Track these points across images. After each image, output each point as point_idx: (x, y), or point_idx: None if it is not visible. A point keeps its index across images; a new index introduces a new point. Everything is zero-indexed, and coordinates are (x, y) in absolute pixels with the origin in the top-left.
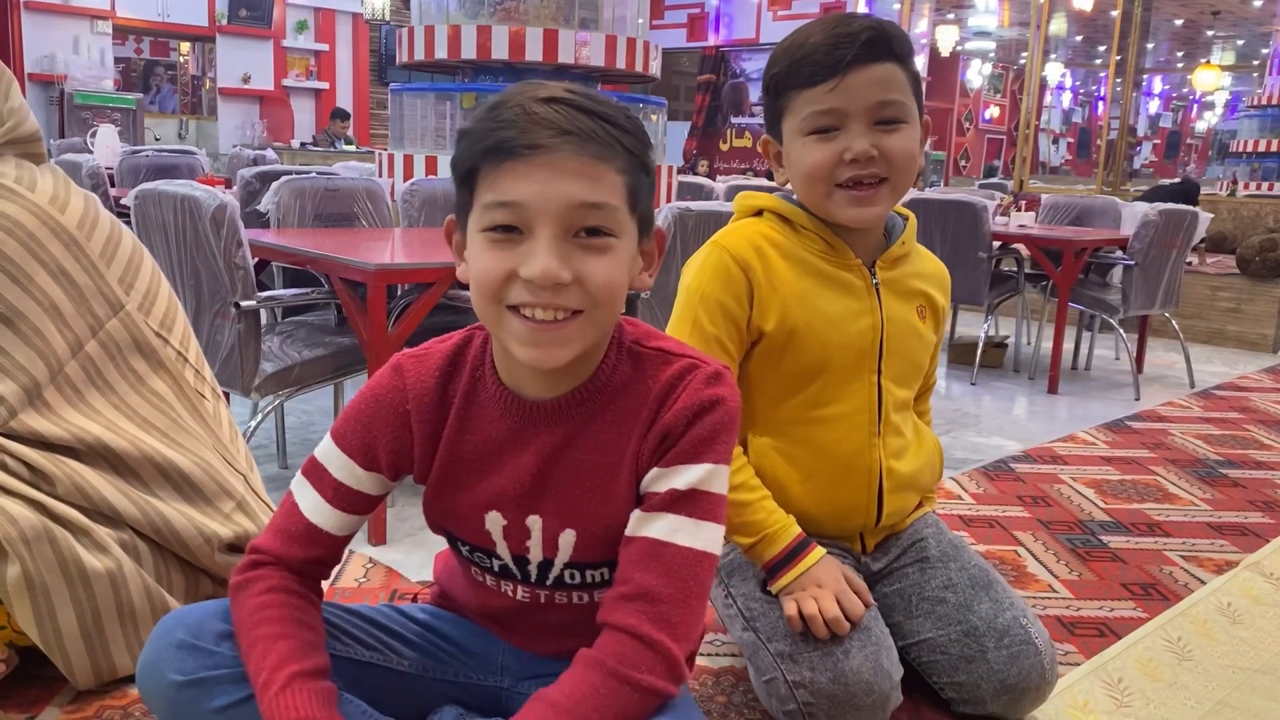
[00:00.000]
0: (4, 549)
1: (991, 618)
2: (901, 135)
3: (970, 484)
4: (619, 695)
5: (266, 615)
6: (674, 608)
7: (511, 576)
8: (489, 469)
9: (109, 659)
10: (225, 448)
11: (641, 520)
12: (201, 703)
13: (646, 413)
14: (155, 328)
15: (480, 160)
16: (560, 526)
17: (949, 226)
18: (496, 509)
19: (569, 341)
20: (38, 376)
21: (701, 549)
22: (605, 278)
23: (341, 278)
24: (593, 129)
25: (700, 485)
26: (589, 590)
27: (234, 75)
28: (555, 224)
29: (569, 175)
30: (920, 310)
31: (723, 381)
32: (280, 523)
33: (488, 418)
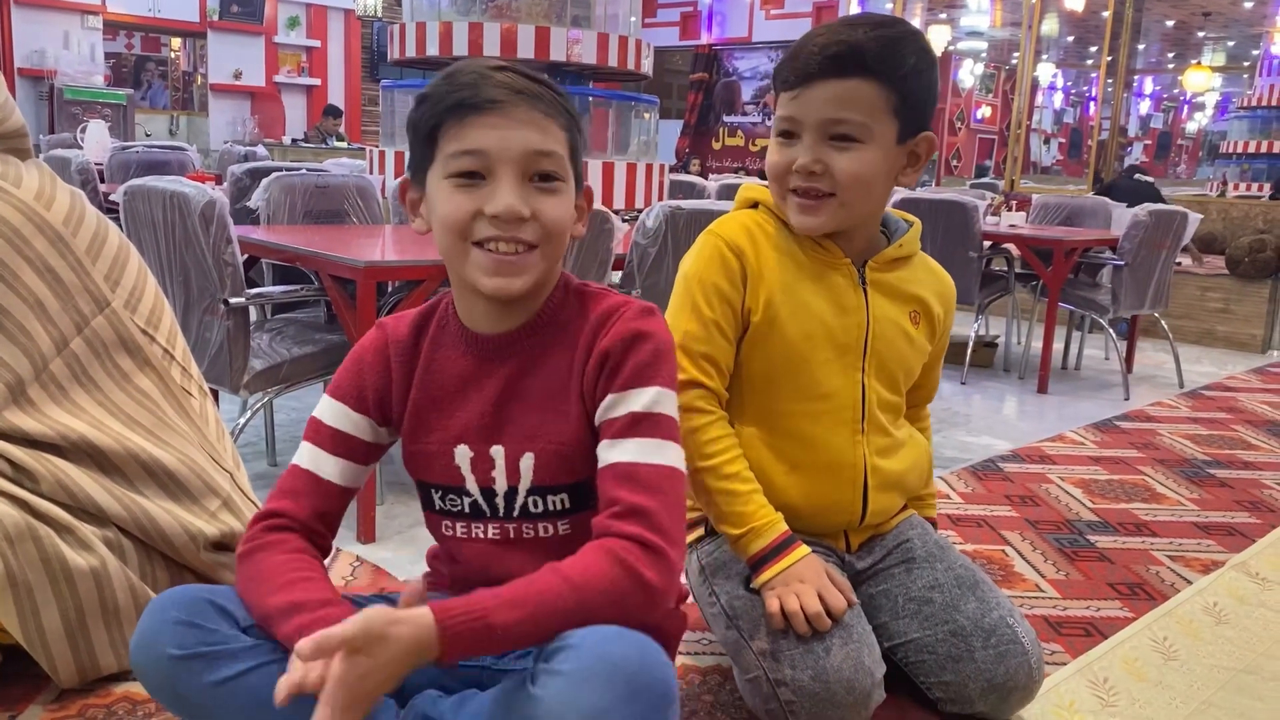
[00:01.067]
0: None
1: (978, 617)
2: (851, 155)
3: (959, 483)
4: (624, 586)
5: (306, 561)
6: (662, 517)
7: (481, 514)
8: (455, 405)
9: (93, 657)
10: (212, 445)
11: (609, 448)
12: (199, 676)
13: (585, 339)
14: (141, 325)
15: (444, 117)
16: (520, 451)
17: (940, 226)
18: (464, 442)
19: (525, 271)
20: (21, 373)
21: (671, 465)
22: (556, 214)
23: (331, 275)
24: (539, 91)
25: (654, 408)
26: (552, 520)
27: (225, 71)
28: (514, 167)
29: (524, 125)
30: (913, 315)
31: (654, 315)
32: (282, 485)
33: (451, 357)
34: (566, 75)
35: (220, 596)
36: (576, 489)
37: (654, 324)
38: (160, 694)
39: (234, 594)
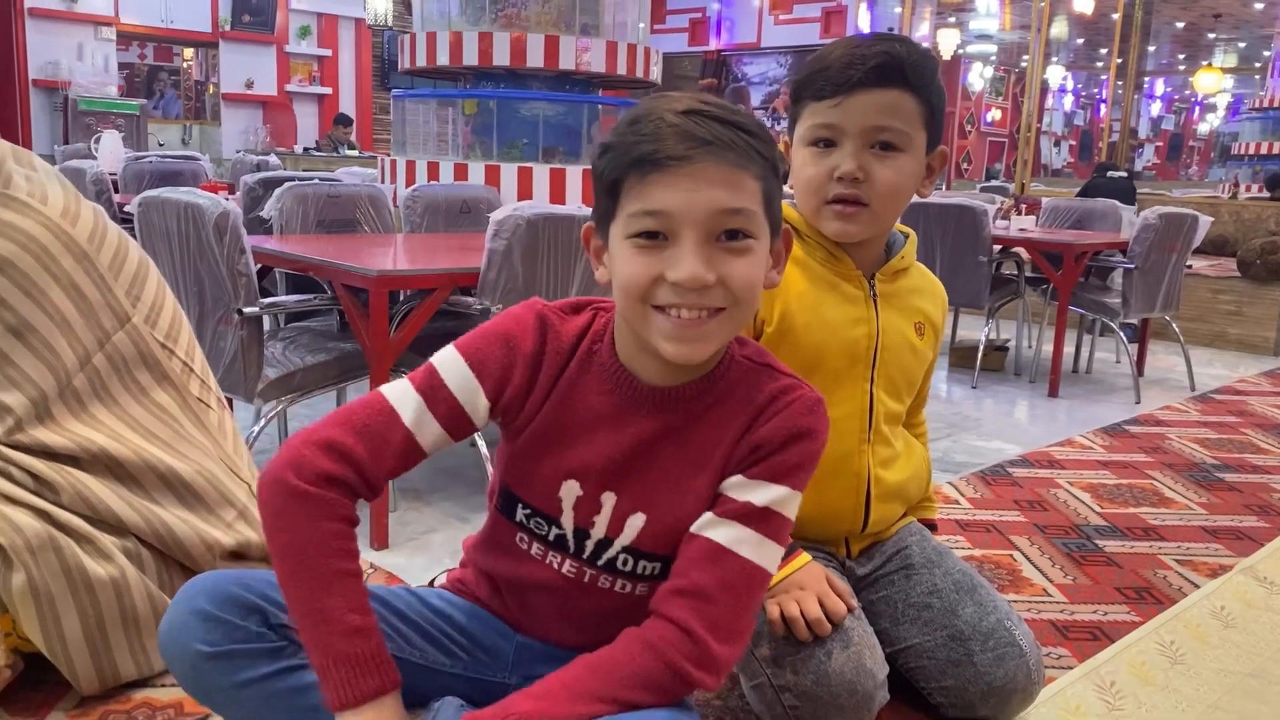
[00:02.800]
0: (10, 557)
1: (976, 621)
2: (892, 164)
3: (967, 489)
4: (653, 671)
5: (345, 548)
6: (723, 611)
7: (564, 548)
8: (583, 439)
9: (113, 665)
10: (229, 457)
11: (710, 522)
12: (225, 676)
13: (744, 420)
14: (160, 339)
15: (626, 172)
16: (632, 509)
17: (949, 230)
18: (576, 479)
19: (711, 337)
20: (46, 389)
21: (761, 565)
22: (746, 277)
23: (344, 284)
24: (730, 138)
25: (776, 506)
26: (635, 581)
27: (237, 81)
28: (699, 229)
29: (711, 184)
30: (919, 327)
31: (820, 412)
32: (375, 427)
33: (595, 388)
34: (576, 83)
35: (250, 588)
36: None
37: (820, 423)
38: (186, 685)
39: (264, 584)
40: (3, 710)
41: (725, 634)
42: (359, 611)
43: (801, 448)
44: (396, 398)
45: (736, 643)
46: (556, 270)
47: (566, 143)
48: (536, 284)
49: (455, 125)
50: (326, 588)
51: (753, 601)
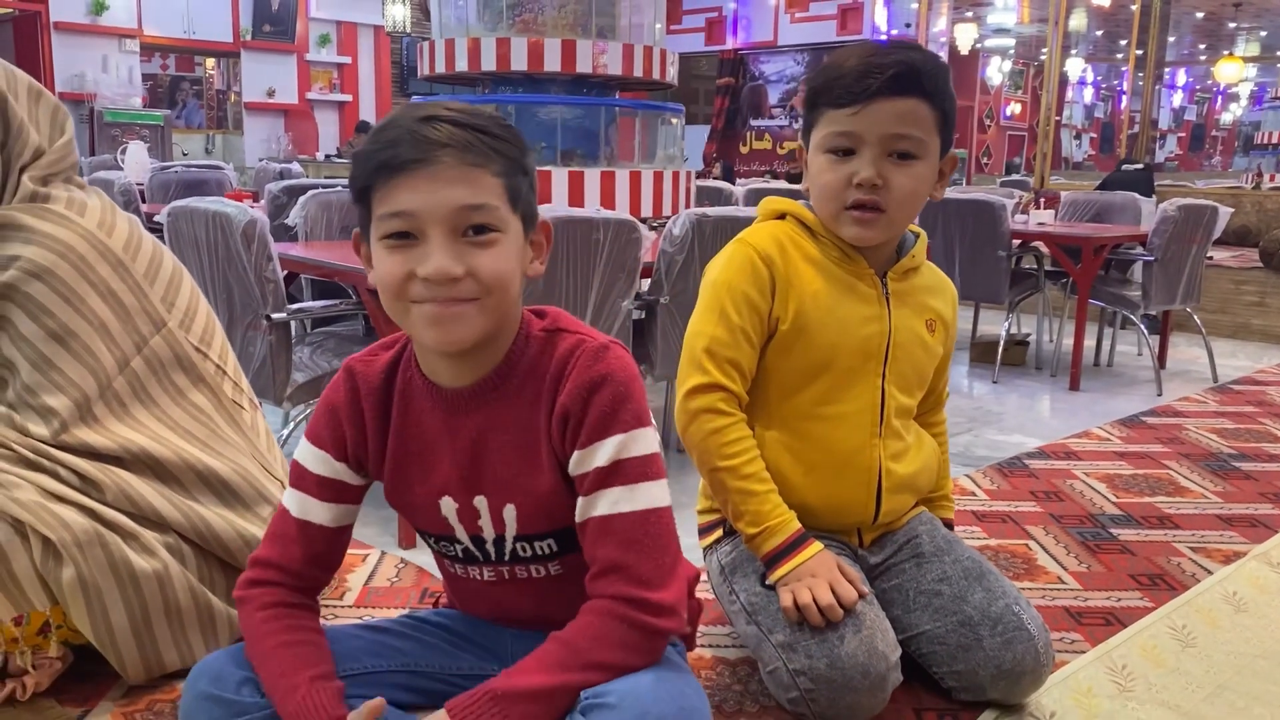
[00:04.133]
0: (59, 552)
1: (985, 606)
2: (909, 171)
3: (984, 480)
4: (621, 631)
5: (272, 628)
6: (644, 564)
7: (474, 559)
8: (433, 458)
9: (158, 655)
10: (263, 455)
11: (584, 504)
12: None
13: (547, 392)
14: (195, 343)
15: (373, 178)
16: (502, 502)
17: (968, 225)
18: (447, 494)
19: (466, 322)
20: (88, 391)
21: (645, 508)
22: (493, 268)
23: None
24: (468, 139)
25: (620, 455)
26: (543, 563)
27: (259, 89)
28: (443, 226)
29: (450, 182)
30: (930, 324)
31: (608, 354)
32: (275, 530)
33: (423, 409)
34: (593, 86)
35: (242, 663)
36: (562, 534)
37: (608, 364)
38: None
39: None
40: (55, 699)
41: (659, 582)
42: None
43: (603, 396)
44: (286, 499)
45: (673, 581)
46: (576, 272)
47: (585, 145)
48: (556, 286)
49: None
50: (270, 660)
51: (660, 539)
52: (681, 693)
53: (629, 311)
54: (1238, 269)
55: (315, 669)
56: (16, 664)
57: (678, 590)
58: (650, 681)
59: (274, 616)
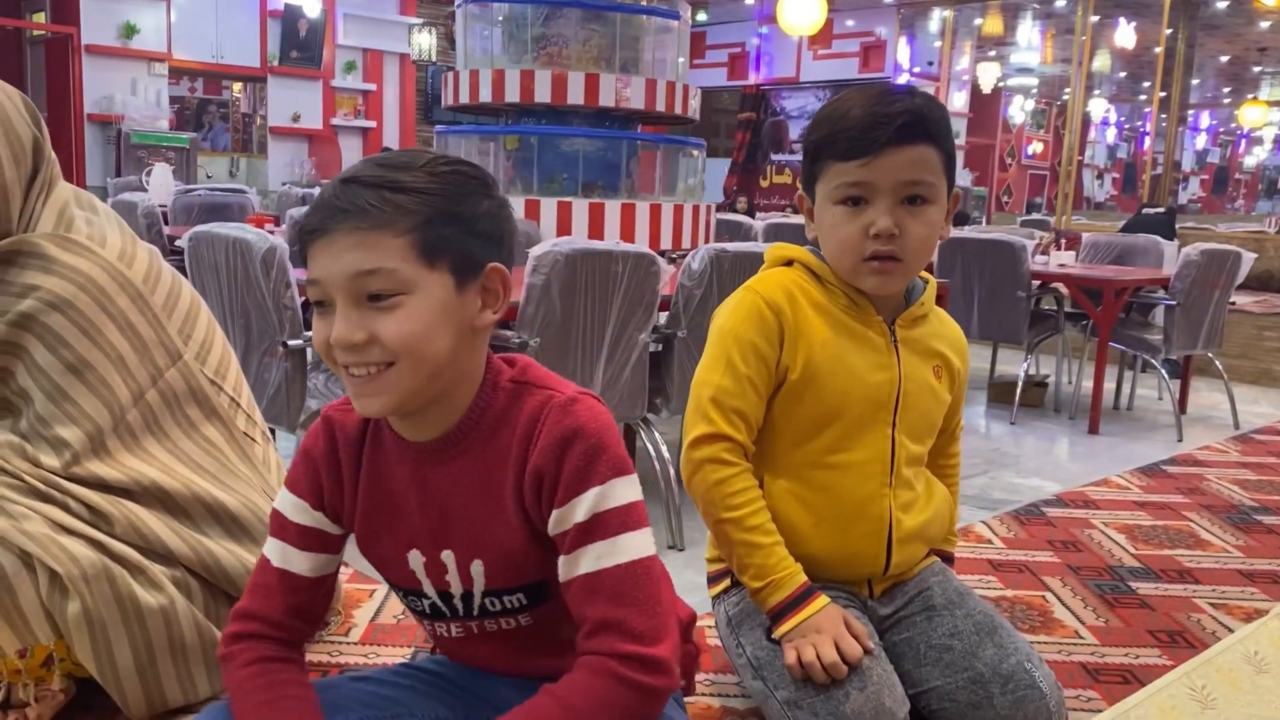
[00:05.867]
0: (66, 586)
1: (996, 663)
2: (922, 217)
3: (1001, 528)
4: (617, 693)
5: (256, 684)
6: (634, 619)
7: (441, 615)
8: (401, 511)
9: (161, 691)
10: (273, 489)
11: (566, 563)
12: None
13: (517, 450)
14: (210, 375)
15: (302, 242)
16: (469, 558)
17: (988, 265)
18: (415, 547)
19: (386, 391)
20: (101, 424)
21: (629, 560)
22: (397, 333)
23: None
24: (370, 202)
25: (598, 508)
26: (512, 615)
27: (284, 114)
28: (344, 293)
29: (346, 249)
30: (937, 370)
31: (577, 407)
32: (256, 581)
33: (391, 462)
34: (615, 119)
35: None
36: (531, 588)
37: (577, 417)
38: None
39: None
40: None
41: (653, 636)
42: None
43: (576, 451)
44: (267, 549)
45: (667, 635)
46: (594, 305)
47: (606, 178)
48: (574, 318)
49: (497, 160)
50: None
51: (649, 591)
52: None
53: (646, 345)
54: (1261, 314)
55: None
56: (19, 696)
57: (672, 644)
58: None
59: (258, 674)
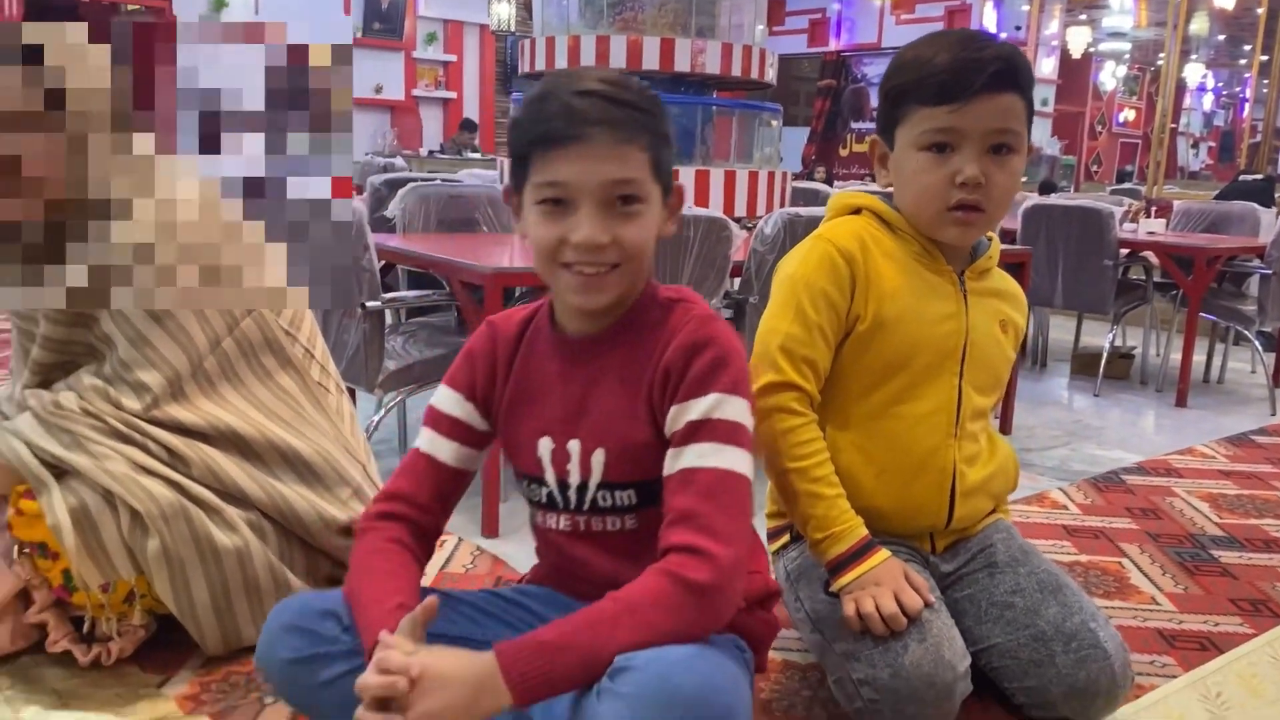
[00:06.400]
0: (146, 524)
1: (1059, 622)
2: (1009, 168)
3: (1078, 494)
4: (673, 595)
5: (383, 556)
6: (712, 518)
7: (555, 505)
8: (543, 399)
9: (236, 629)
10: (345, 439)
11: (671, 457)
12: (309, 677)
13: (657, 350)
14: (285, 326)
15: (531, 148)
16: (593, 447)
17: (1074, 233)
18: (547, 434)
19: (608, 288)
20: (180, 370)
21: (727, 468)
22: (637, 238)
23: (461, 280)
24: (618, 116)
25: (712, 414)
26: (620, 515)
27: (367, 86)
28: (593, 198)
29: (601, 159)
30: (1003, 325)
31: (717, 323)
32: (403, 465)
33: (544, 355)
34: (691, 85)
35: (327, 599)
36: (644, 486)
37: (712, 331)
38: (280, 692)
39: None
40: (137, 666)
41: (719, 536)
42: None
43: (705, 357)
44: (418, 439)
45: (734, 542)
46: (665, 266)
47: (681, 143)
48: None
49: None
50: (367, 580)
51: (736, 502)
52: (712, 673)
53: (717, 310)
54: None
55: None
56: (102, 630)
57: (738, 554)
58: (682, 653)
59: (385, 550)
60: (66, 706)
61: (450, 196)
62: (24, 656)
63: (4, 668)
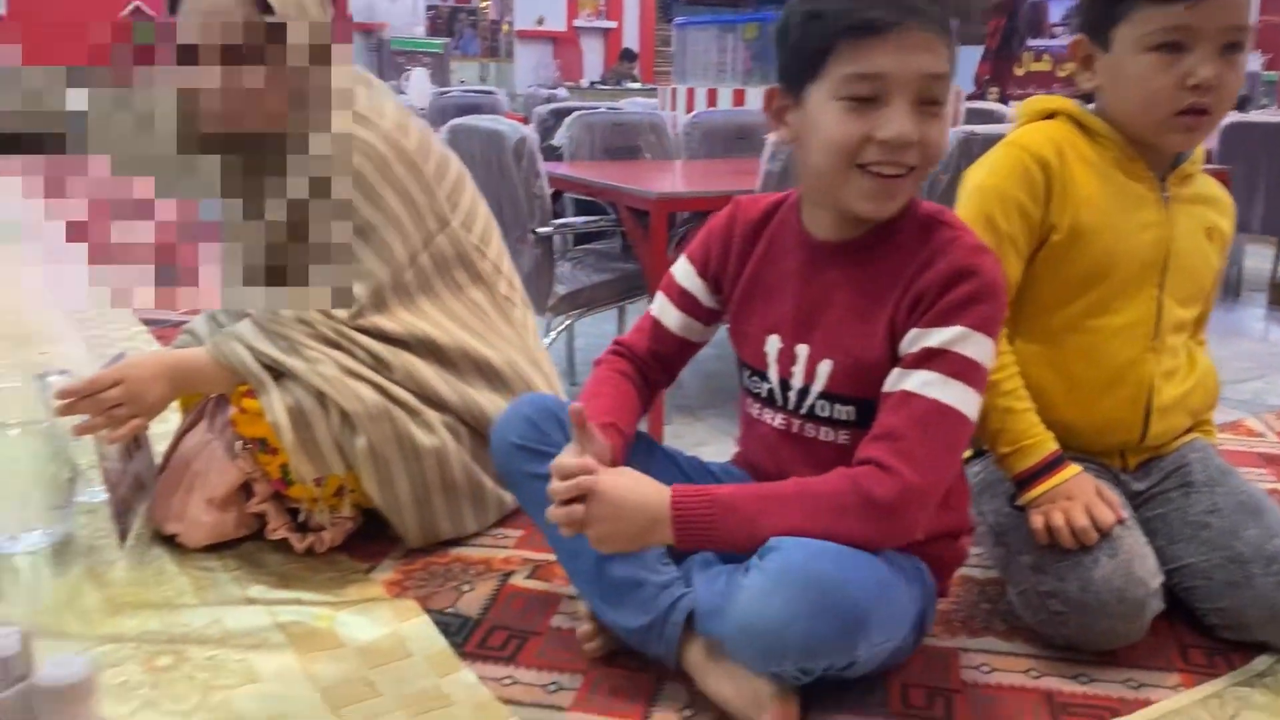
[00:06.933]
0: (354, 424)
1: (1260, 543)
2: (1238, 67)
3: (1276, 423)
4: (848, 500)
5: (609, 384)
6: (912, 444)
7: (774, 403)
8: (778, 297)
9: (434, 524)
10: (531, 350)
11: (896, 377)
12: (523, 465)
13: (910, 271)
14: (475, 242)
15: (839, 37)
16: (821, 356)
17: (1277, 152)
18: (777, 333)
19: (901, 194)
20: (383, 281)
21: (949, 403)
22: (939, 139)
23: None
24: (930, 8)
25: (951, 345)
26: (834, 427)
27: (529, 18)
28: (908, 92)
29: (919, 49)
30: (1209, 232)
31: (986, 256)
32: (638, 324)
33: (786, 252)
34: None
35: (560, 408)
36: (866, 405)
37: (980, 262)
38: (500, 470)
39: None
40: (347, 555)
41: (914, 463)
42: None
43: (963, 288)
44: (652, 303)
45: (928, 473)
46: None
47: None
48: None
49: (734, 52)
50: (589, 402)
51: (945, 438)
52: (854, 571)
53: None
54: None
55: (611, 419)
56: (315, 520)
57: (929, 485)
58: (831, 547)
59: (609, 378)
60: (287, 586)
61: (614, 124)
62: (247, 543)
63: (231, 552)
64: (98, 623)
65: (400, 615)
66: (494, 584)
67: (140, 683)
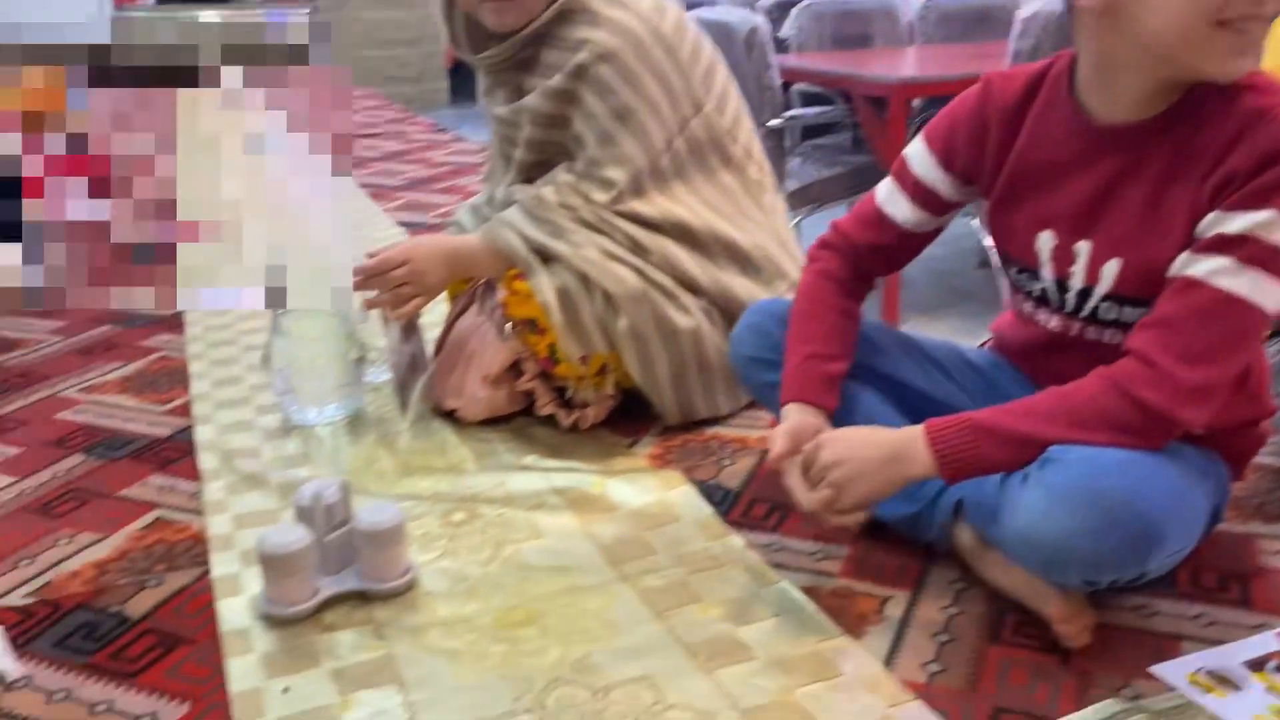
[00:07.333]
0: (615, 305)
1: None
2: None
3: None
4: (1113, 405)
5: (808, 299)
6: (1188, 337)
7: (1048, 303)
8: (1051, 187)
9: (690, 402)
10: (780, 234)
11: (1185, 261)
12: (760, 375)
13: (1217, 147)
14: (727, 126)
15: None
16: (1107, 255)
17: None
18: (1050, 228)
19: (1258, 51)
20: (641, 166)
21: (1238, 293)
22: None
23: (863, 95)
24: None
25: (1254, 231)
26: (1121, 329)
27: None
28: None
29: None
30: None
31: None
32: (859, 208)
33: (1057, 137)
34: None
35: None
36: None
37: None
38: (742, 382)
39: None
40: (610, 430)
41: (1188, 357)
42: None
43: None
44: (879, 186)
45: (1206, 367)
46: None
47: None
48: None
49: None
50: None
51: (1229, 331)
52: (1144, 481)
53: None
54: None
55: (815, 347)
56: (580, 397)
57: (1206, 382)
58: (1116, 457)
59: (817, 287)
60: (559, 456)
61: (844, 12)
62: (518, 418)
63: (504, 426)
64: (395, 483)
65: (666, 484)
66: (753, 460)
67: (439, 535)
